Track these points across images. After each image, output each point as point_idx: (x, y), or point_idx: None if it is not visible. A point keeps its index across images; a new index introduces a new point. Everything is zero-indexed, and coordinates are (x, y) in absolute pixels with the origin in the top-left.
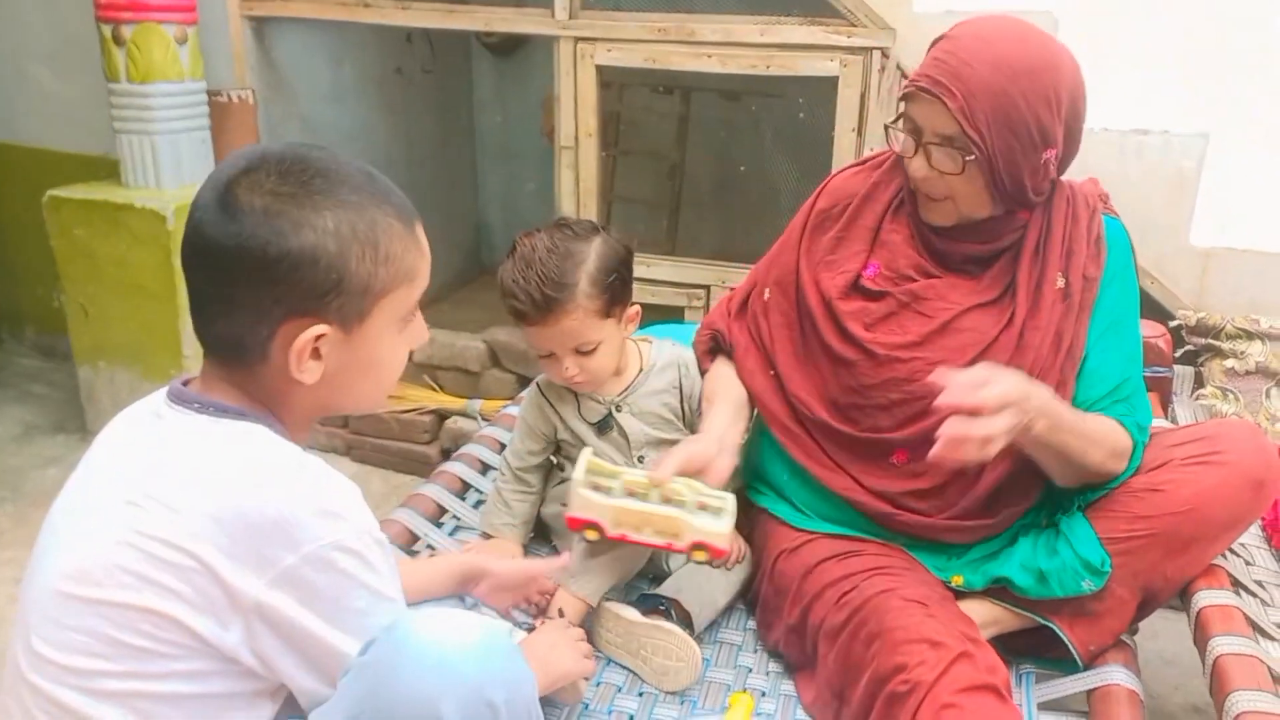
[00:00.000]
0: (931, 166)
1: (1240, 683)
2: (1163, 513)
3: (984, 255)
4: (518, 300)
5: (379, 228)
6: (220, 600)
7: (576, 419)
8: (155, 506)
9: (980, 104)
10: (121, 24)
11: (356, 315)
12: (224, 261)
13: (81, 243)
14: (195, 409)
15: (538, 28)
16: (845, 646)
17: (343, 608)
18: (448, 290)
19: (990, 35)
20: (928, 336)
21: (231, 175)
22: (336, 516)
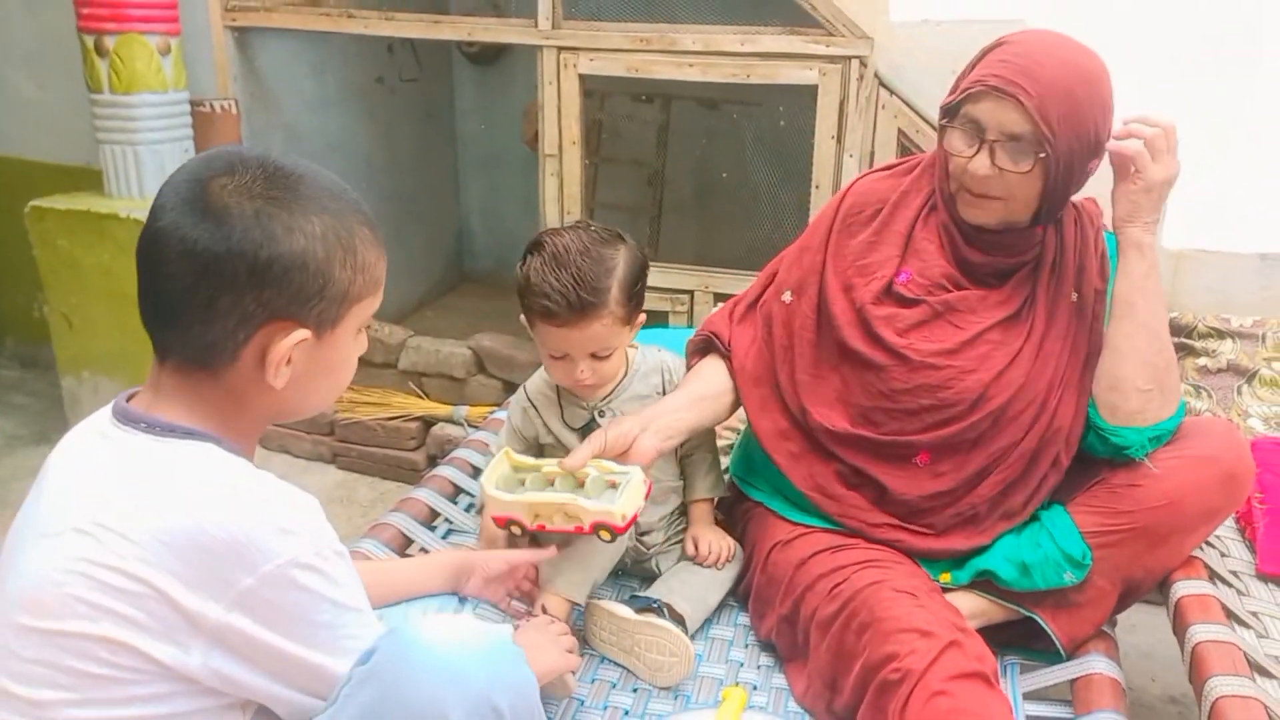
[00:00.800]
0: (994, 164)
1: (1218, 668)
2: (1142, 507)
3: (1006, 269)
4: (549, 300)
5: (356, 235)
6: (179, 625)
7: (560, 424)
8: (106, 535)
9: (1054, 103)
10: (104, 34)
11: (331, 321)
12: (212, 265)
13: (65, 253)
14: (142, 429)
15: (521, 37)
16: (837, 636)
17: (307, 624)
18: (431, 297)
19: (1053, 40)
20: (960, 346)
21: (205, 178)
22: (293, 533)
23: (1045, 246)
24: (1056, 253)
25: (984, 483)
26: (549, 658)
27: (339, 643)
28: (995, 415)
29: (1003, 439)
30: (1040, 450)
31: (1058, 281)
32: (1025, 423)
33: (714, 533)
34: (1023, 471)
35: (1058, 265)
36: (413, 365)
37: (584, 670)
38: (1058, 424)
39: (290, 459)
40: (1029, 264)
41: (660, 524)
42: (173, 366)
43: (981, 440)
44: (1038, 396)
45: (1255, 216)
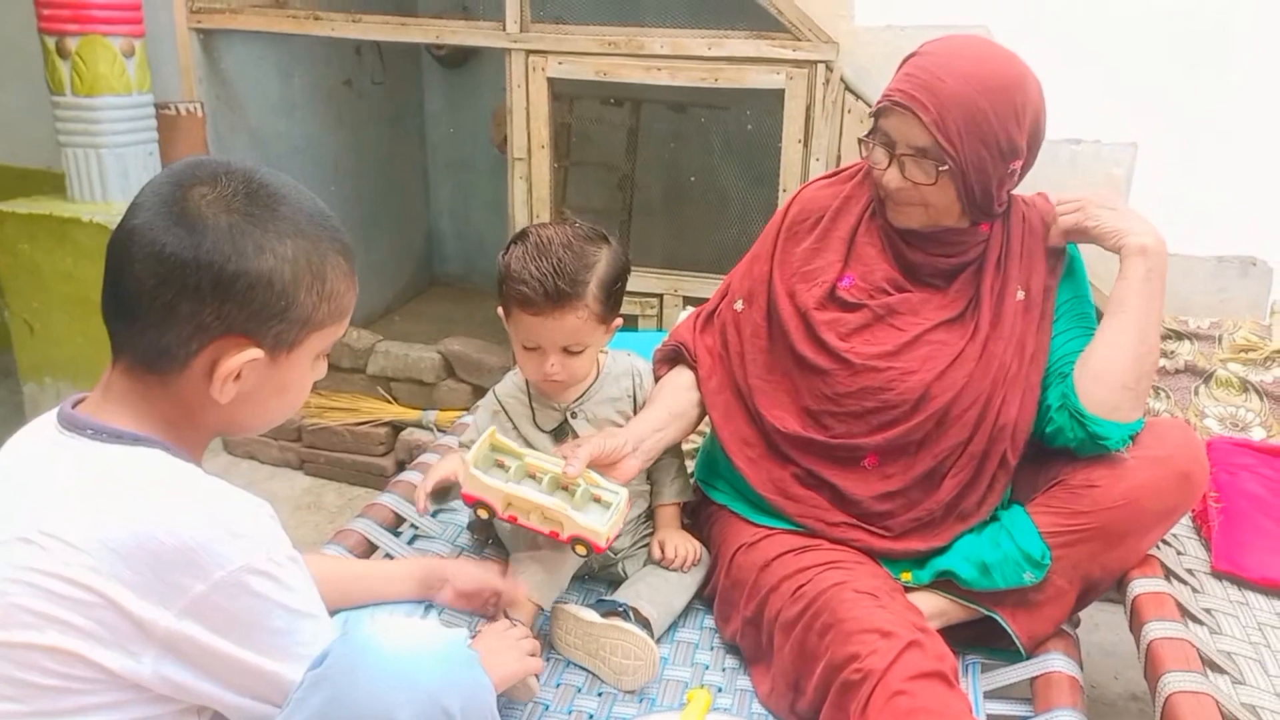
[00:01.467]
0: (905, 178)
1: (1172, 664)
2: (1099, 507)
3: (950, 269)
4: (527, 287)
5: (328, 263)
6: (129, 633)
7: (531, 427)
8: (52, 543)
9: (953, 116)
10: (66, 36)
11: (287, 344)
12: (177, 271)
13: (26, 257)
14: (88, 435)
15: (489, 40)
16: (800, 638)
17: (260, 630)
18: (399, 301)
19: (960, 52)
20: (901, 348)
21: (188, 184)
22: (244, 538)
23: (989, 244)
24: (1001, 250)
25: (940, 488)
26: (508, 662)
27: (292, 649)
28: (939, 416)
29: (948, 439)
30: (988, 450)
31: (1003, 280)
32: (970, 422)
33: (680, 536)
34: (974, 473)
35: (1002, 263)
36: (381, 370)
37: (549, 674)
38: (1003, 422)
39: (257, 465)
40: (973, 263)
41: (627, 528)
42: (124, 368)
43: (927, 441)
44: (981, 396)
45: (1212, 219)
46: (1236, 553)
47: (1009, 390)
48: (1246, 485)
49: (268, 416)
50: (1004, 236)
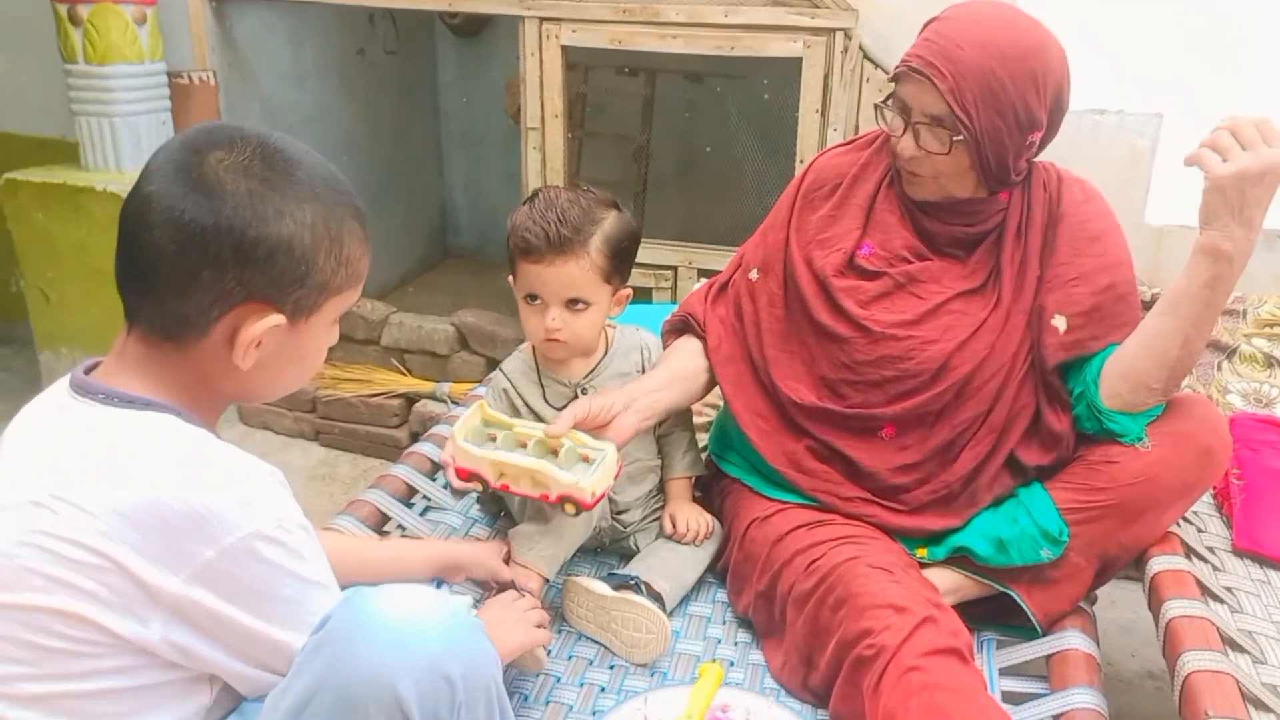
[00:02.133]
0: (919, 146)
1: (1191, 643)
2: (1118, 484)
3: (969, 238)
4: (530, 234)
5: (345, 228)
6: (138, 598)
7: (541, 403)
8: (62, 506)
9: (969, 85)
10: (78, 4)
11: (307, 310)
12: (197, 237)
13: (40, 227)
14: (100, 400)
15: (502, 8)
16: (813, 613)
17: (269, 598)
18: (414, 274)
19: (982, 18)
20: (922, 316)
21: (203, 150)
22: (254, 505)
23: (1009, 213)
24: (1022, 219)
25: (958, 460)
26: (515, 633)
27: (301, 618)
28: (959, 386)
29: (966, 411)
30: (1009, 424)
31: (1024, 250)
32: (990, 395)
33: (692, 510)
34: (993, 446)
35: (1023, 232)
36: (395, 342)
37: (560, 647)
38: (1025, 399)
39: (272, 435)
40: (992, 233)
41: (638, 502)
42: (140, 335)
43: (945, 412)
44: (1003, 368)
45: None
46: (1258, 530)
47: (1034, 366)
48: (1269, 462)
49: (284, 383)
50: (1024, 205)
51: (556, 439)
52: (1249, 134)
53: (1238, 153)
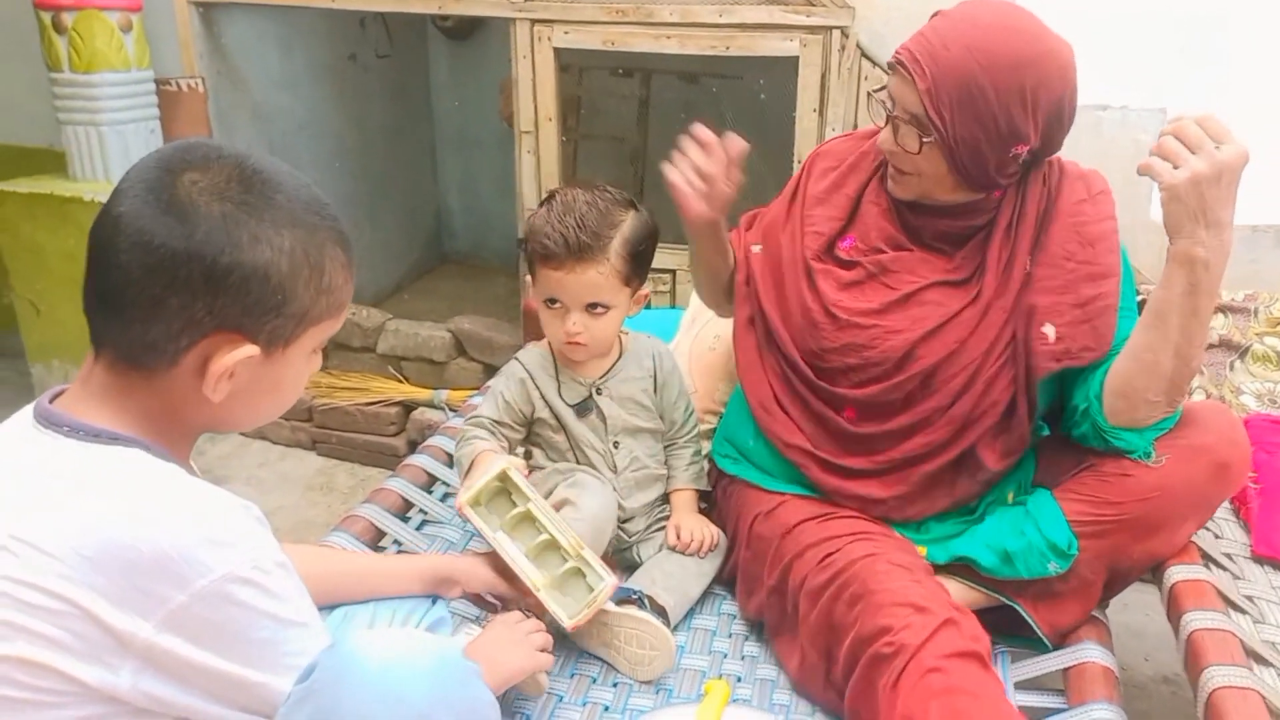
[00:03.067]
0: (896, 141)
1: (1214, 658)
2: (1131, 497)
3: (956, 233)
4: (549, 240)
5: (326, 254)
6: (106, 645)
7: (557, 398)
8: (22, 548)
9: (947, 88)
10: (62, 10)
11: (284, 339)
12: (167, 263)
13: (28, 238)
14: (64, 432)
15: (493, 10)
16: (827, 607)
17: (245, 641)
18: (409, 279)
19: (983, 20)
20: (889, 306)
21: (177, 170)
22: (227, 545)
23: (1000, 210)
24: (1013, 216)
25: (909, 440)
26: (515, 658)
27: (280, 660)
28: (924, 376)
29: (931, 402)
30: (970, 419)
31: (1012, 248)
32: (956, 388)
33: (697, 521)
34: (949, 437)
35: (1013, 230)
36: (391, 349)
37: (563, 664)
38: (994, 396)
39: (269, 445)
40: (982, 229)
41: (643, 510)
42: (106, 362)
43: (909, 401)
44: (973, 362)
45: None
46: (1277, 536)
47: (1005, 365)
48: None
49: (259, 414)
50: (1018, 200)
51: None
52: (1194, 135)
53: (1187, 157)
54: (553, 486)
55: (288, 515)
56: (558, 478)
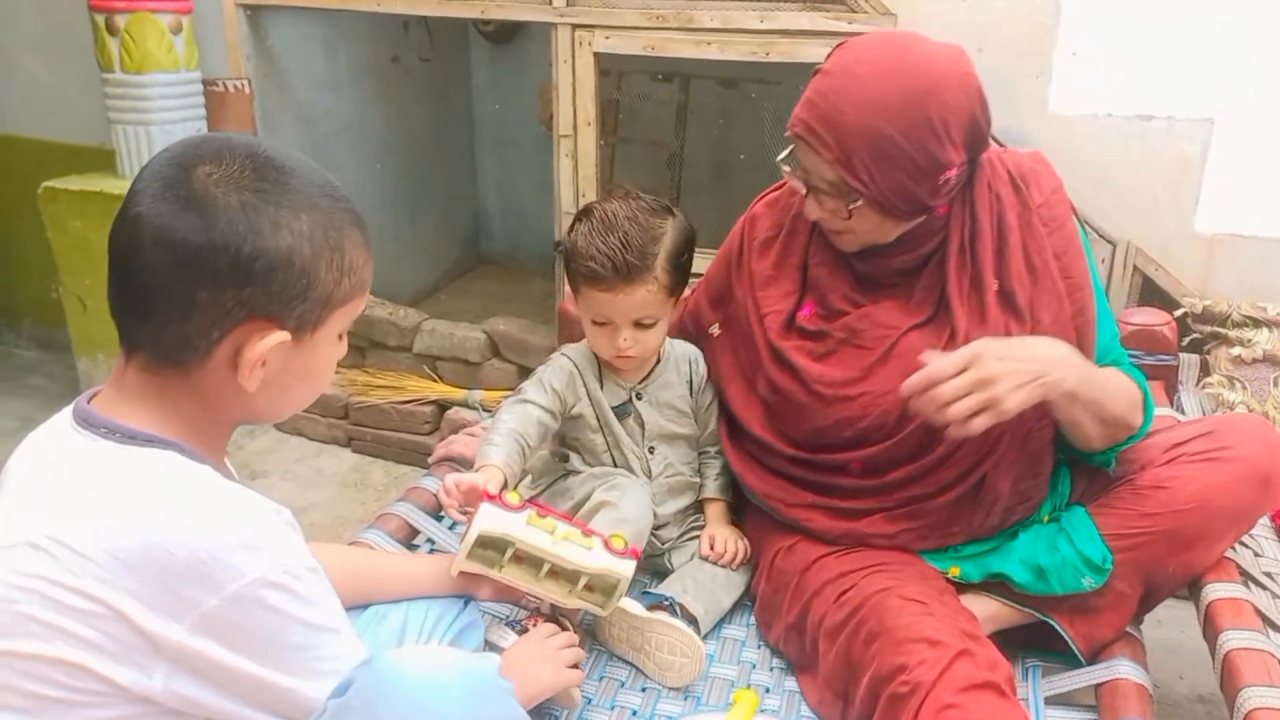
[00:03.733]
0: (823, 210)
1: (1251, 678)
2: (1168, 510)
3: (909, 265)
4: (596, 263)
5: (345, 235)
6: (139, 647)
7: (601, 398)
8: (60, 550)
9: (857, 151)
10: (115, 13)
11: (311, 324)
12: (190, 257)
13: (78, 234)
14: (102, 434)
15: (535, 15)
16: (845, 645)
17: (276, 645)
18: (446, 280)
19: (865, 71)
20: (870, 369)
21: (189, 165)
22: (259, 550)
23: (949, 229)
24: (964, 234)
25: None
26: (545, 674)
27: (311, 665)
28: (925, 427)
29: (937, 451)
30: (982, 453)
31: (974, 268)
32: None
33: (730, 532)
34: (961, 473)
35: (968, 248)
36: (427, 348)
37: (591, 666)
38: (1004, 424)
39: (305, 441)
40: (934, 255)
41: (675, 517)
42: (139, 364)
43: (917, 453)
44: None
45: None
46: None
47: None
48: None
49: (292, 402)
50: (966, 216)
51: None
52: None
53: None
54: (589, 491)
55: (323, 511)
56: (594, 482)
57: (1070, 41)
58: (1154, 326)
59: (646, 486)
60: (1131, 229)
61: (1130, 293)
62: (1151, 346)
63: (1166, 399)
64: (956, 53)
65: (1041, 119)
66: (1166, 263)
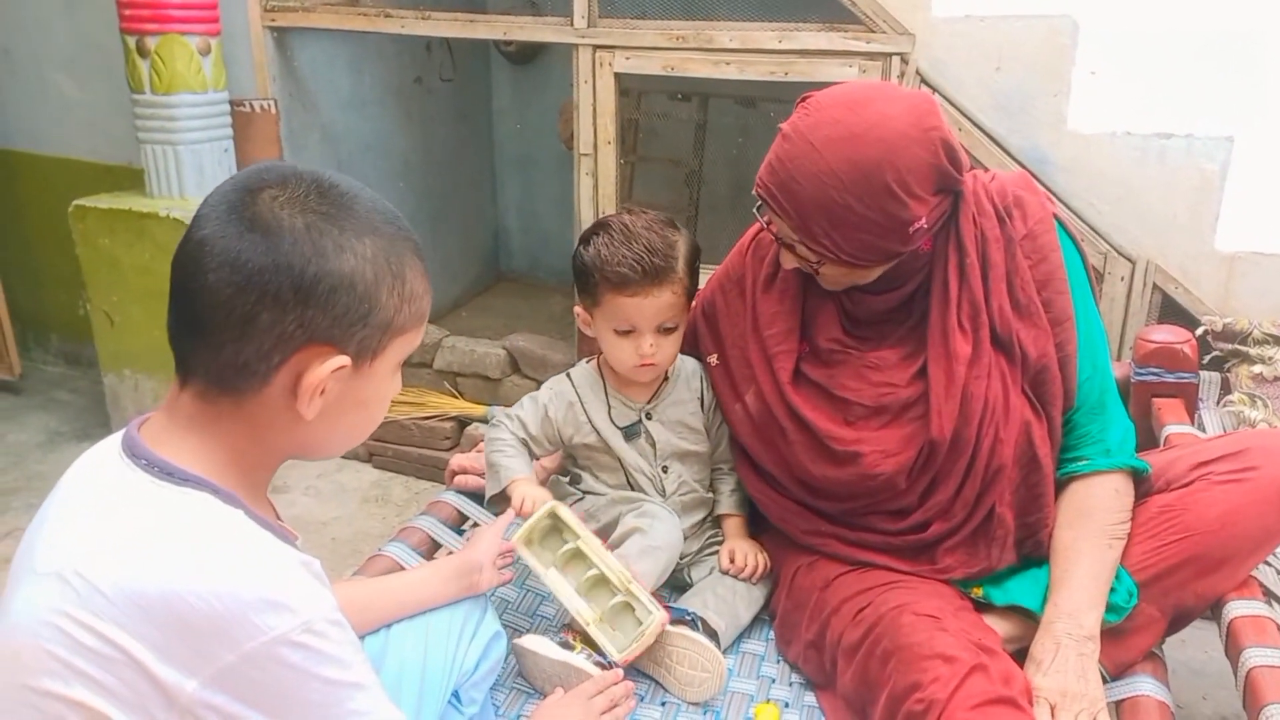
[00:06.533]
0: (797, 259)
1: (1274, 695)
2: (1193, 533)
3: (895, 304)
4: (625, 267)
5: (406, 263)
6: (153, 697)
7: (606, 422)
8: (83, 586)
9: (814, 219)
10: (145, 35)
11: (371, 351)
12: (254, 278)
13: (106, 251)
14: (143, 466)
15: (556, 36)
16: (862, 664)
17: (294, 702)
18: (467, 297)
19: (819, 139)
20: (878, 430)
21: (256, 189)
22: (281, 607)
23: (933, 266)
24: (946, 269)
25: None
26: None
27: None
28: (929, 476)
29: (940, 494)
30: (981, 495)
31: (962, 305)
32: (959, 472)
33: (749, 546)
34: (964, 519)
35: (958, 285)
36: (448, 365)
37: None
38: (997, 464)
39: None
40: (919, 290)
41: (692, 531)
42: (195, 390)
43: (923, 499)
44: (968, 445)
45: None
46: None
47: (1006, 428)
48: None
49: (347, 435)
50: (952, 250)
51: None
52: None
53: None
54: (616, 516)
55: (344, 526)
56: (623, 506)
57: (1089, 60)
58: (1174, 344)
59: (675, 515)
60: (1151, 247)
61: (1150, 310)
62: (1172, 364)
63: (1188, 417)
64: (918, 107)
65: (1060, 137)
66: (1186, 281)
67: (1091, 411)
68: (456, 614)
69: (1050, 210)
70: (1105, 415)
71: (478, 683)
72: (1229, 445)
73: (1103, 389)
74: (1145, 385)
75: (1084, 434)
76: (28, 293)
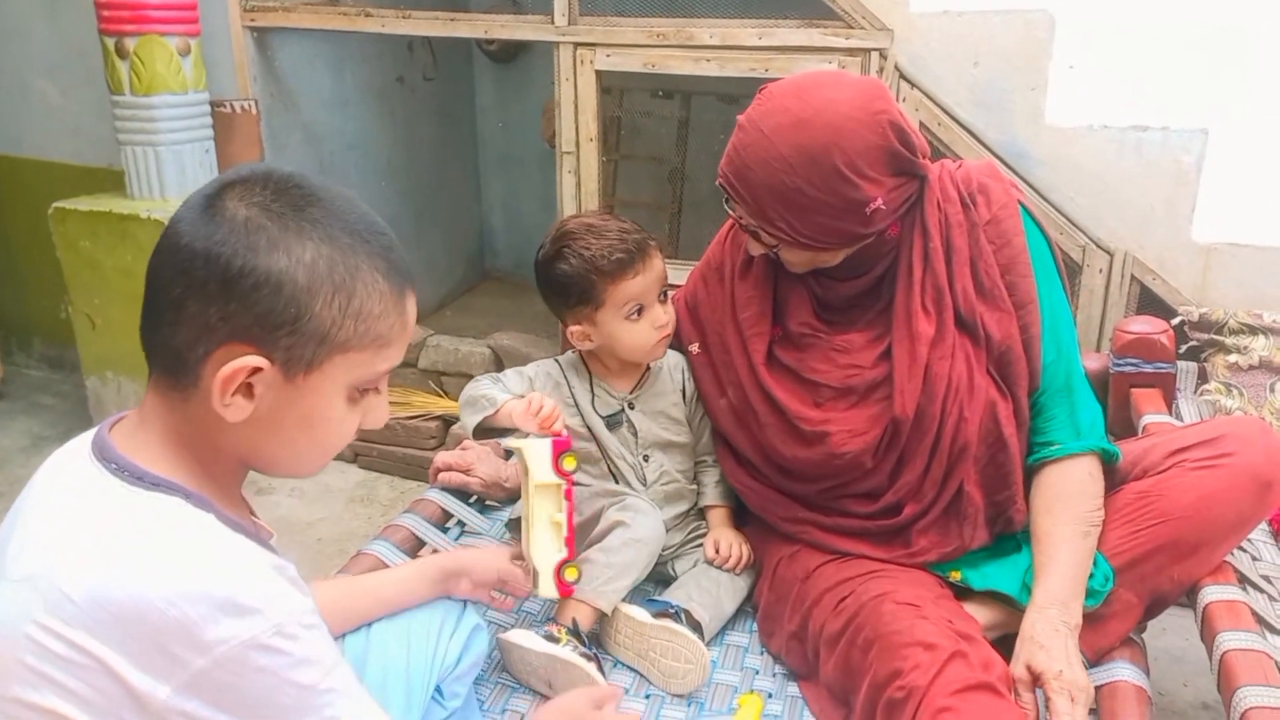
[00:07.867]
0: (762, 244)
1: (1247, 678)
2: (1169, 518)
3: (863, 288)
4: (619, 251)
5: (360, 278)
6: (125, 704)
7: (590, 409)
8: (52, 592)
9: (769, 204)
10: (124, 36)
11: (305, 362)
12: (187, 264)
13: (87, 254)
14: (112, 470)
15: (537, 34)
16: (844, 653)
17: (267, 705)
18: (451, 296)
19: (767, 127)
20: (845, 410)
21: (231, 184)
22: (252, 611)
23: (899, 250)
24: (920, 256)
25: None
26: None
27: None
28: (896, 455)
29: (908, 474)
30: (949, 474)
31: (927, 288)
32: (925, 451)
33: (733, 536)
34: (933, 499)
35: (923, 269)
36: (432, 364)
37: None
38: (962, 441)
39: None
40: (886, 274)
41: (676, 523)
42: (152, 385)
43: (892, 478)
44: (932, 423)
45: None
46: None
47: (971, 406)
48: None
49: (296, 451)
50: (917, 235)
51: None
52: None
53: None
54: (599, 509)
55: (330, 526)
56: (605, 500)
57: (1066, 54)
58: (1152, 335)
59: (657, 510)
60: (1128, 239)
61: (1128, 302)
62: (1150, 355)
63: (1166, 406)
64: (865, 92)
65: (1039, 131)
66: (1163, 272)
67: (1059, 394)
68: (436, 610)
69: (1015, 196)
70: (1073, 398)
71: (460, 676)
72: (1204, 432)
73: (1069, 372)
74: (1123, 376)
75: (1051, 416)
76: (9, 297)
